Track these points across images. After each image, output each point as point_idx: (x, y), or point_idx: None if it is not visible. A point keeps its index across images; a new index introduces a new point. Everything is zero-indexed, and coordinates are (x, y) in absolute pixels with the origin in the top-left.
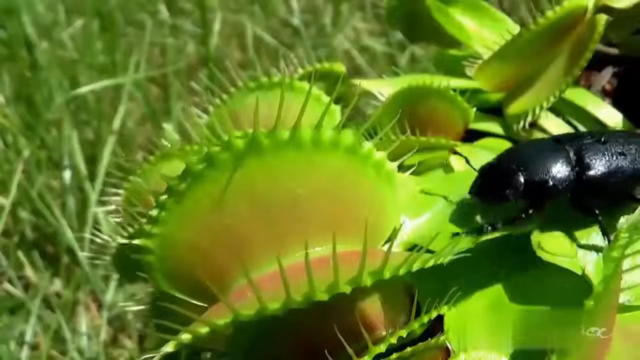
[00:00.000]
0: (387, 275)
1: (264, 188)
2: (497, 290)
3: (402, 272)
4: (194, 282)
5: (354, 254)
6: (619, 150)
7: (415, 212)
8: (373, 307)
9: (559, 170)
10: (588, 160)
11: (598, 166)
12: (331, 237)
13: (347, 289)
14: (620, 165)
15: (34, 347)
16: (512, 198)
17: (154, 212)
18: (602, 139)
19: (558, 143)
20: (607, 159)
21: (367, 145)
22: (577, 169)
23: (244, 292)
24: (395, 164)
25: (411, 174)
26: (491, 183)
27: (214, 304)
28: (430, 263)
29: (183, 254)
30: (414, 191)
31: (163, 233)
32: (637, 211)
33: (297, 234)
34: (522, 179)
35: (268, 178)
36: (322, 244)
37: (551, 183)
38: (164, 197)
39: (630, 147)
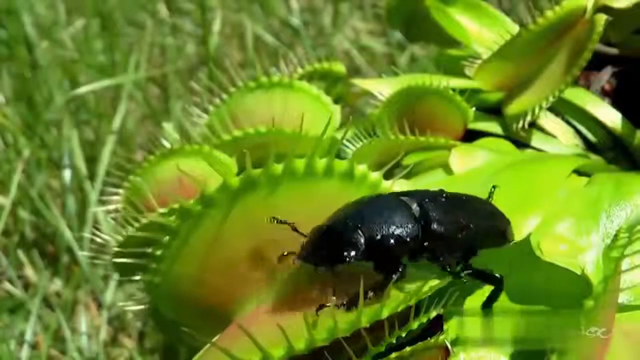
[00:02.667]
0: (385, 314)
1: (261, 220)
2: None
3: (400, 308)
4: (198, 311)
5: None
6: (459, 205)
7: None
8: None
9: (405, 224)
10: (433, 214)
11: (442, 219)
12: None
13: (346, 333)
14: (462, 219)
15: (34, 346)
16: (353, 260)
17: (157, 252)
18: (444, 195)
19: (399, 198)
20: (449, 213)
21: (361, 168)
22: (422, 222)
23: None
24: (390, 182)
25: (410, 174)
26: (326, 244)
27: (218, 329)
28: (427, 294)
29: (186, 286)
30: None
31: (166, 270)
32: (636, 212)
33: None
34: (362, 239)
35: (264, 210)
36: None
37: (396, 239)
38: (166, 237)
39: (470, 202)
